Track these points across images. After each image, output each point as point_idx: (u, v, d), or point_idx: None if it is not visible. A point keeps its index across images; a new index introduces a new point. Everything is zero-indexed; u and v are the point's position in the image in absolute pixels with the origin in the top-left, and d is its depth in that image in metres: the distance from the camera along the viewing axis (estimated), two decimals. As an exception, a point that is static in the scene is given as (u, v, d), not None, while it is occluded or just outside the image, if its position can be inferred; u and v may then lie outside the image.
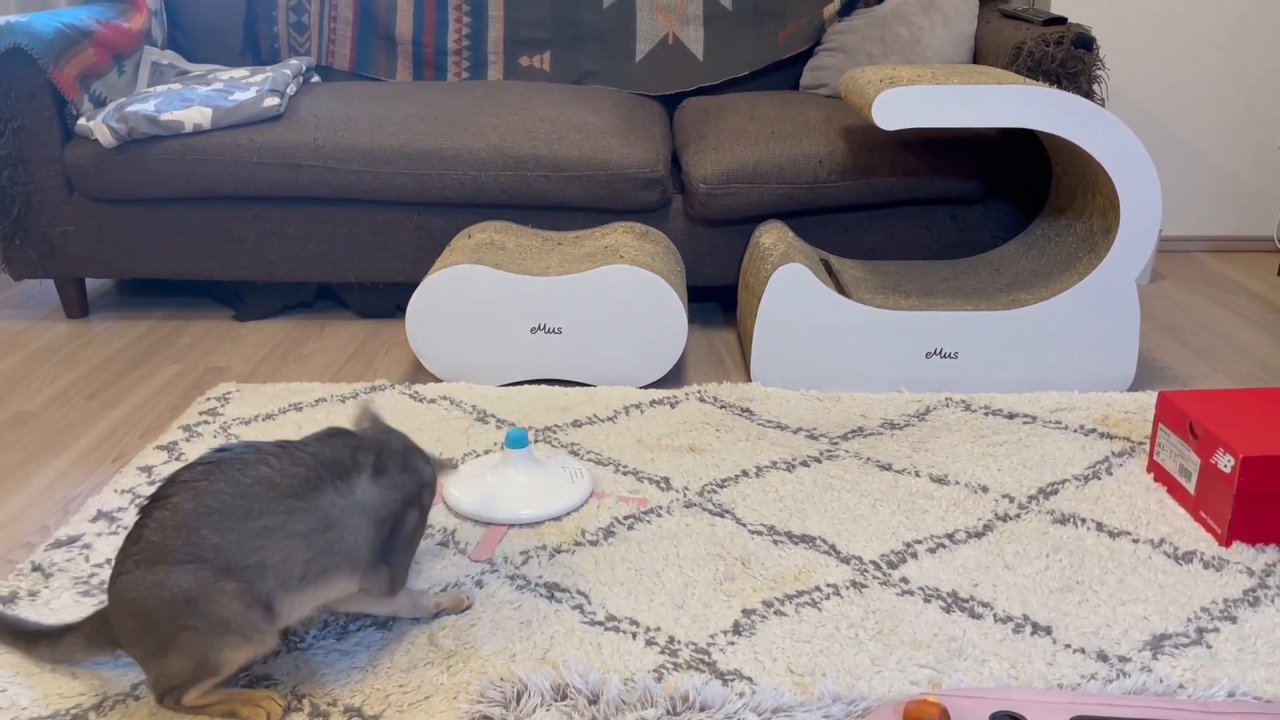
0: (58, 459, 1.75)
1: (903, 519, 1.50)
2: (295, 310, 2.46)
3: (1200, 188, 2.84)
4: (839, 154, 2.16)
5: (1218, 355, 2.17)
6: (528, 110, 2.31)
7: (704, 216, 2.22)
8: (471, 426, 1.80)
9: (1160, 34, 2.71)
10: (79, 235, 2.32)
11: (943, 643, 1.23)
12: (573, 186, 2.20)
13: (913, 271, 2.19)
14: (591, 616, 1.28)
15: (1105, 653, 1.21)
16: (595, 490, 1.58)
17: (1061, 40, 2.08)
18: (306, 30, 2.74)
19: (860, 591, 1.33)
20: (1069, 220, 2.09)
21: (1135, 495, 1.56)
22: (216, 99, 2.26)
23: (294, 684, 1.17)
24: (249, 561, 1.07)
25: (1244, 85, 2.75)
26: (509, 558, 1.41)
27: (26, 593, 1.33)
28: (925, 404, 1.87)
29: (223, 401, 1.89)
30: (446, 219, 2.28)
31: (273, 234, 2.30)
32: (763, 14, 2.72)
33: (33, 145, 2.27)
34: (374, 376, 2.07)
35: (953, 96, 1.79)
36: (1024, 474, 1.62)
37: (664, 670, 1.18)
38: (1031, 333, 1.92)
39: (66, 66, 2.27)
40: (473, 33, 2.75)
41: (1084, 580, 1.35)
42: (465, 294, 1.94)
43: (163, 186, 2.24)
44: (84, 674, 1.19)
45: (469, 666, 1.19)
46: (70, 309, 2.43)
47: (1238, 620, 1.27)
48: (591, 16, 2.74)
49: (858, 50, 2.53)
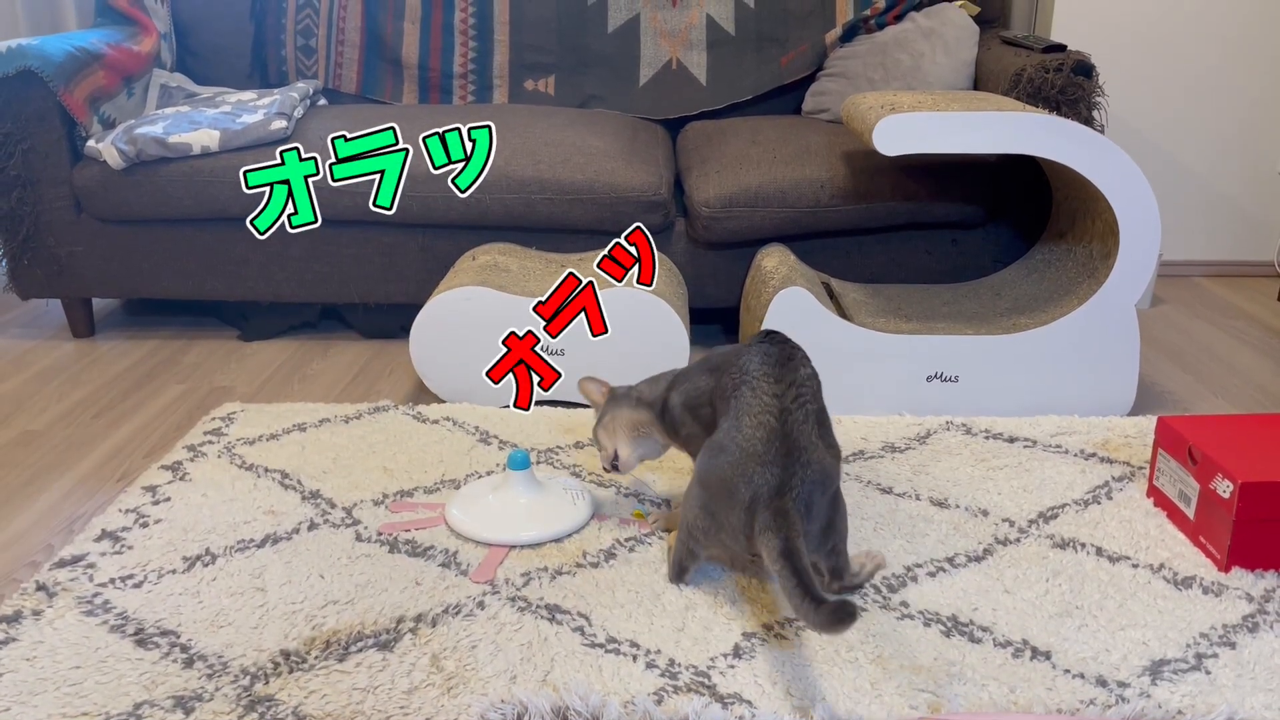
0: (63, 478, 1.76)
1: (903, 542, 1.50)
2: (300, 330, 2.48)
3: (1200, 213, 2.85)
4: (840, 178, 2.18)
5: (1218, 380, 2.17)
6: (532, 134, 2.33)
7: (706, 239, 2.23)
8: (474, 447, 1.81)
9: (1159, 61, 2.74)
10: (86, 255, 2.34)
11: (942, 667, 1.23)
12: (576, 209, 2.22)
13: (914, 295, 2.20)
14: (592, 638, 1.29)
15: (1104, 678, 1.21)
16: (597, 512, 1.59)
17: (1061, 67, 2.10)
18: (314, 54, 2.77)
19: (860, 615, 1.33)
20: (1069, 245, 2.10)
21: (1135, 520, 1.56)
22: (224, 121, 2.29)
23: (295, 704, 1.17)
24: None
25: (1243, 111, 2.77)
26: (510, 579, 1.41)
27: (30, 612, 1.34)
28: (926, 427, 1.88)
29: (227, 421, 1.90)
30: (451, 241, 2.30)
31: (278, 255, 2.32)
32: (765, 39, 2.74)
33: (42, 166, 2.29)
34: (377, 397, 2.08)
35: (953, 123, 1.80)
36: (1024, 498, 1.63)
37: (664, 693, 1.19)
38: (1032, 357, 1.93)
39: (76, 89, 2.29)
40: (478, 57, 2.77)
41: (1083, 605, 1.35)
42: (469, 315, 1.96)
43: (170, 208, 2.26)
44: (87, 690, 1.19)
45: (470, 688, 1.20)
46: (77, 328, 2.45)
47: (1237, 646, 1.27)
48: (596, 41, 2.76)
49: (859, 76, 2.55)
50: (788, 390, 1.31)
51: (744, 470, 1.26)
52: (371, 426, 1.88)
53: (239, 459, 1.76)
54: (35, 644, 1.28)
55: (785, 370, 1.33)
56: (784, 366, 1.33)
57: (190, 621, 1.32)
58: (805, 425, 1.29)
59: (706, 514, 1.31)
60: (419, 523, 1.56)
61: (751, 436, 1.28)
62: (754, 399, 1.31)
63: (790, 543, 1.20)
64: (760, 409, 1.29)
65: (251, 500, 1.62)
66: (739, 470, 1.27)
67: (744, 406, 1.31)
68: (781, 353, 1.35)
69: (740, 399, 1.32)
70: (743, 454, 1.27)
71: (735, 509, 1.27)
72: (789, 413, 1.29)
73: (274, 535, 1.52)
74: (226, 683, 1.21)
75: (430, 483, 1.68)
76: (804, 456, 1.27)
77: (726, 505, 1.28)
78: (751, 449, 1.27)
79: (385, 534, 1.53)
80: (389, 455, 1.77)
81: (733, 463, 1.28)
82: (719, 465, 1.29)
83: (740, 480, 1.26)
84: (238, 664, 1.24)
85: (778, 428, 1.28)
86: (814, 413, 1.32)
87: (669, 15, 2.76)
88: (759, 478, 1.25)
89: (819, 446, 1.30)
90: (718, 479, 1.29)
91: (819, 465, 1.28)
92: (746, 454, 1.27)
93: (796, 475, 1.25)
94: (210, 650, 1.26)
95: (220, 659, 1.25)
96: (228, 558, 1.46)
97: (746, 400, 1.31)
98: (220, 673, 1.22)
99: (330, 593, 1.38)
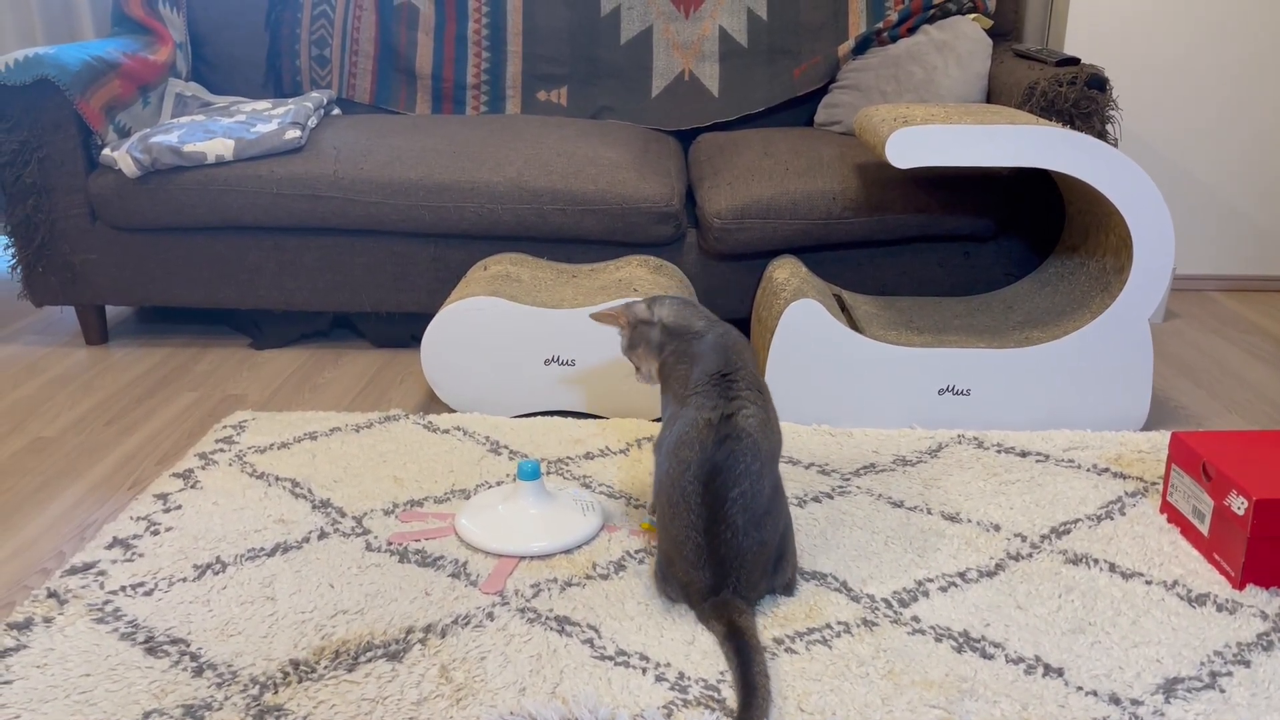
0: (74, 485, 1.77)
1: (914, 557, 1.50)
2: (311, 339, 2.48)
3: (1214, 226, 2.84)
4: (852, 190, 2.18)
5: (1232, 395, 2.16)
6: (544, 144, 2.34)
7: (718, 251, 2.23)
8: (484, 457, 1.81)
9: (1173, 74, 2.73)
10: (101, 263, 2.35)
11: (954, 683, 1.23)
12: (588, 220, 2.22)
13: (925, 308, 2.20)
14: (602, 651, 1.28)
15: (1118, 695, 1.20)
16: (607, 523, 1.59)
17: (1075, 80, 2.10)
18: (328, 64, 2.78)
19: (871, 630, 1.33)
20: (1082, 259, 2.09)
21: (1148, 536, 1.55)
22: (239, 131, 2.30)
23: (304, 714, 1.17)
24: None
25: (1258, 124, 2.76)
26: (520, 590, 1.41)
27: (42, 619, 1.34)
28: (937, 441, 1.87)
29: (239, 429, 1.91)
30: (463, 251, 2.30)
31: (291, 264, 2.33)
32: (778, 51, 2.75)
33: (58, 174, 2.30)
34: (388, 406, 2.08)
35: (966, 136, 1.80)
36: (1036, 513, 1.62)
37: (673, 707, 1.18)
38: (1045, 371, 1.92)
39: (93, 98, 2.31)
40: (491, 68, 2.78)
41: (1096, 621, 1.34)
42: (480, 325, 1.96)
43: (184, 216, 2.27)
44: (97, 698, 1.19)
45: (478, 699, 1.19)
46: (90, 335, 2.46)
47: (1251, 664, 1.26)
48: (609, 53, 2.77)
49: (872, 88, 2.56)
50: (718, 505, 1.30)
51: (676, 567, 1.34)
52: (382, 436, 1.88)
53: (250, 467, 1.76)
54: (46, 651, 1.28)
55: (712, 484, 1.30)
56: (711, 479, 1.30)
57: (200, 630, 1.32)
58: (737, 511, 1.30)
59: (664, 565, 1.38)
60: (429, 533, 1.55)
61: (680, 539, 1.32)
62: (682, 500, 1.31)
63: (734, 624, 1.27)
64: (688, 511, 1.31)
65: (262, 509, 1.63)
66: (672, 563, 1.35)
67: (675, 498, 1.32)
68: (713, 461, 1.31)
69: (674, 485, 1.32)
70: (675, 548, 1.33)
71: (679, 586, 1.36)
72: (717, 524, 1.30)
73: (284, 544, 1.52)
74: (236, 692, 1.21)
75: (440, 493, 1.68)
76: (736, 543, 1.30)
77: (675, 571, 1.35)
78: (681, 552, 1.32)
79: (395, 544, 1.53)
80: (399, 464, 1.77)
81: (666, 550, 1.36)
82: (661, 531, 1.36)
83: (673, 578, 1.36)
84: (247, 673, 1.24)
85: (704, 531, 1.30)
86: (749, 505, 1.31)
87: (682, 27, 2.76)
88: (694, 579, 1.32)
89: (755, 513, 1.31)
90: (664, 546, 1.37)
91: (753, 541, 1.31)
92: (678, 552, 1.33)
93: (731, 576, 1.31)
94: (220, 659, 1.27)
95: (230, 668, 1.25)
96: (238, 566, 1.47)
97: (678, 491, 1.32)
98: (230, 682, 1.22)
99: (340, 602, 1.38)
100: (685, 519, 1.30)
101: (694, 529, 1.29)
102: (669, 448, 1.34)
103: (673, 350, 1.45)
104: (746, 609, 1.30)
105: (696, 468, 1.29)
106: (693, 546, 1.30)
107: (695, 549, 1.30)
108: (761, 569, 1.33)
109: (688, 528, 1.29)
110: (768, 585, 1.36)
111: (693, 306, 1.51)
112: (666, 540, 1.34)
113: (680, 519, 1.30)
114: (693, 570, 1.31)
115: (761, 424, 1.33)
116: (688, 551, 1.30)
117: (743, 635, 1.25)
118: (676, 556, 1.32)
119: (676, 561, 1.33)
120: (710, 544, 1.29)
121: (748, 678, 1.18)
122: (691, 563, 1.31)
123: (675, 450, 1.32)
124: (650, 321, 1.48)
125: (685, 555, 1.31)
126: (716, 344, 1.42)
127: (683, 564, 1.32)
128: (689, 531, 1.30)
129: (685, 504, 1.29)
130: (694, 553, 1.30)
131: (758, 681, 1.18)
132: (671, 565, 1.35)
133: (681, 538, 1.30)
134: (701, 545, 1.29)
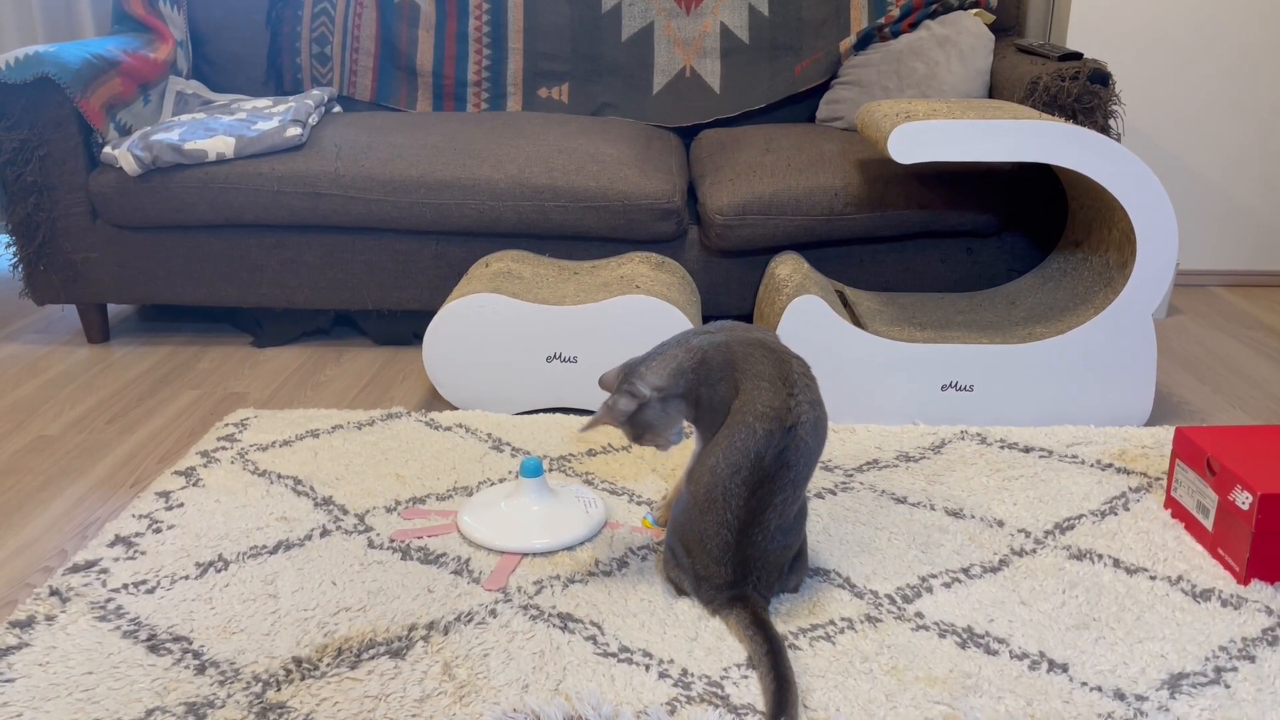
0: (76, 483, 1.77)
1: (918, 553, 1.49)
2: (313, 337, 2.48)
3: (1217, 222, 2.84)
4: (854, 186, 2.17)
5: (1235, 390, 2.16)
6: (546, 141, 2.33)
7: (720, 247, 2.23)
8: (486, 454, 1.80)
9: (1176, 69, 2.72)
10: (102, 261, 2.35)
11: (958, 679, 1.22)
12: (590, 217, 2.22)
13: (928, 304, 2.19)
14: (604, 647, 1.28)
15: (1122, 691, 1.20)
16: (609, 520, 1.58)
17: (1077, 75, 2.09)
18: (329, 61, 2.78)
19: (875, 626, 1.32)
20: (1085, 254, 2.09)
21: (1152, 531, 1.55)
22: (240, 129, 2.29)
23: (307, 712, 1.17)
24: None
25: (1261, 119, 2.75)
26: (522, 587, 1.41)
27: (44, 617, 1.34)
28: (941, 437, 1.87)
29: (240, 427, 1.90)
30: (464, 248, 2.30)
31: (292, 261, 2.33)
32: (779, 48, 2.74)
33: (58, 173, 2.30)
34: (390, 403, 2.08)
35: (968, 131, 1.80)
36: (1040, 508, 1.62)
37: (677, 703, 1.18)
38: (1048, 366, 1.92)
39: (93, 96, 2.31)
40: (492, 65, 2.78)
41: (1101, 617, 1.34)
42: (482, 322, 1.96)
43: (185, 214, 2.27)
44: (99, 696, 1.19)
45: (481, 697, 1.19)
46: (91, 334, 2.46)
47: (1256, 659, 1.26)
48: (610, 49, 2.77)
49: (873, 84, 2.55)
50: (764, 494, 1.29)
51: (695, 560, 1.33)
52: (384, 433, 1.88)
53: (252, 465, 1.76)
54: (48, 649, 1.28)
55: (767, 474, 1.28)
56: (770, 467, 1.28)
57: (202, 628, 1.32)
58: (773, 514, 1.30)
59: (680, 554, 1.37)
60: (431, 530, 1.55)
61: (708, 534, 1.31)
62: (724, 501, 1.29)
63: (758, 616, 1.28)
64: (726, 510, 1.30)
65: (264, 506, 1.62)
66: (690, 554, 1.34)
67: (712, 501, 1.30)
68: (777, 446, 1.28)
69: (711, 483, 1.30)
70: (699, 542, 1.32)
71: (696, 580, 1.35)
72: (753, 528, 1.30)
73: (286, 542, 1.52)
74: (238, 689, 1.21)
75: (443, 490, 1.68)
76: (765, 547, 1.31)
77: (693, 562, 1.35)
78: (705, 546, 1.32)
79: (397, 541, 1.53)
80: (401, 462, 1.77)
81: (685, 541, 1.35)
82: (685, 523, 1.35)
83: (688, 569, 1.35)
84: (250, 670, 1.24)
85: (738, 531, 1.30)
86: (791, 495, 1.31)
87: (683, 23, 2.76)
88: (713, 574, 1.32)
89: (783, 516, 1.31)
90: (682, 537, 1.36)
91: (779, 545, 1.32)
92: (702, 546, 1.32)
93: (752, 575, 1.31)
94: (222, 657, 1.26)
95: (232, 665, 1.25)
96: (240, 564, 1.46)
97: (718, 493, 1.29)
98: (232, 679, 1.22)
99: (342, 600, 1.38)
100: (720, 516, 1.29)
101: (727, 527, 1.29)
102: (724, 448, 1.30)
103: (688, 402, 1.35)
104: (763, 605, 1.31)
105: (748, 473, 1.27)
106: (720, 543, 1.29)
107: (722, 546, 1.29)
108: (780, 570, 1.33)
109: (721, 525, 1.29)
110: (780, 586, 1.36)
111: (666, 349, 1.36)
112: (689, 533, 1.33)
113: (714, 515, 1.29)
114: (714, 565, 1.31)
115: (814, 425, 1.30)
116: (713, 547, 1.30)
117: (768, 628, 1.25)
118: (698, 550, 1.32)
119: (697, 554, 1.32)
120: (739, 543, 1.29)
121: (779, 669, 1.18)
122: (715, 558, 1.30)
123: (728, 453, 1.28)
124: (644, 402, 1.34)
125: (709, 550, 1.30)
126: (722, 362, 1.34)
127: (705, 558, 1.31)
128: (720, 529, 1.29)
129: (725, 503, 1.28)
130: (720, 549, 1.30)
131: (788, 674, 1.18)
132: (689, 556, 1.34)
133: (710, 533, 1.30)
134: (730, 543, 1.29)
